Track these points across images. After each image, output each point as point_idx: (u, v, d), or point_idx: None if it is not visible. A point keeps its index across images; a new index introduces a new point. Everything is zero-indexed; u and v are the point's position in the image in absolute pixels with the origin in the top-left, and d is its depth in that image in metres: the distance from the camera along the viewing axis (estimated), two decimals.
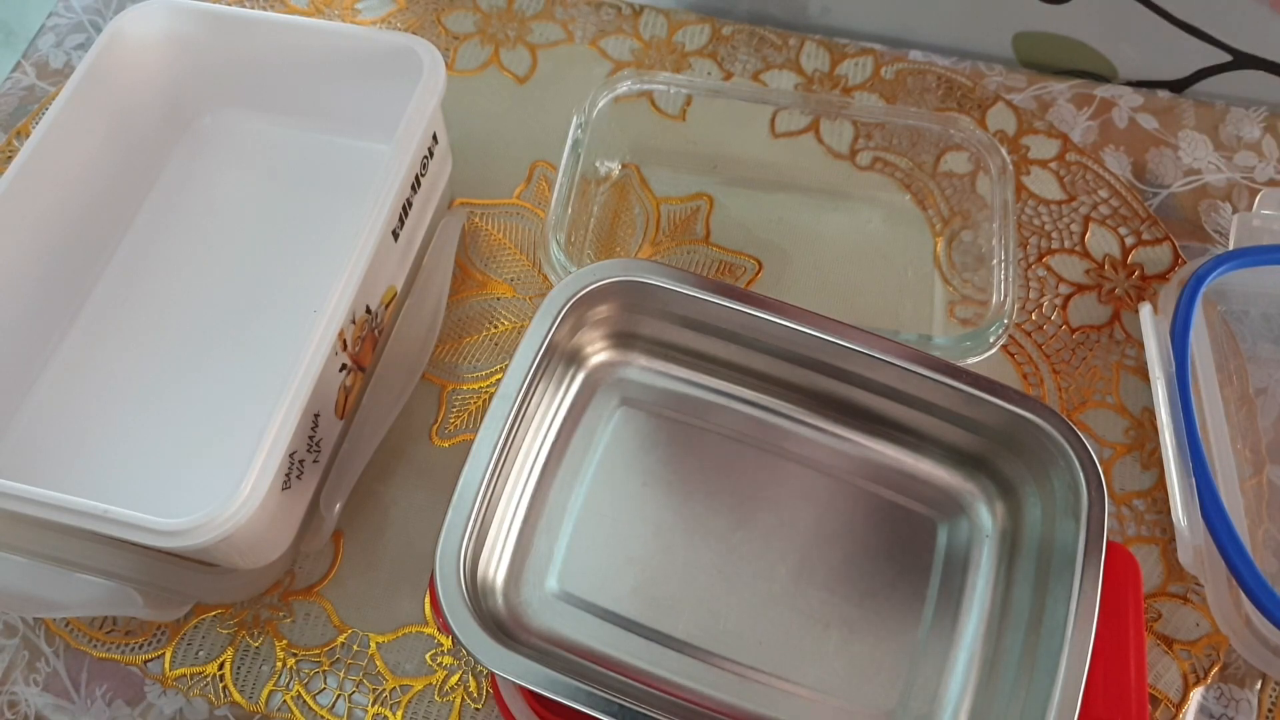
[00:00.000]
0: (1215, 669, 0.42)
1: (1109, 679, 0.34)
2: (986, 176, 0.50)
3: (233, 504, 0.36)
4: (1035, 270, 0.51)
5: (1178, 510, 0.42)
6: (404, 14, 0.60)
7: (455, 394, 0.49)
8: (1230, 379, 0.47)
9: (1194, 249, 0.52)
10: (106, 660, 0.43)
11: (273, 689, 0.42)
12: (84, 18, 0.61)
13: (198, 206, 0.52)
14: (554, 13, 0.60)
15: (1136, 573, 0.36)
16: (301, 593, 0.44)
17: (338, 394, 0.43)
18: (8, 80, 0.58)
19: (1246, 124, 0.55)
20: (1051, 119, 0.56)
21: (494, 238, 0.53)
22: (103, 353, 0.48)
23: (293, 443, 0.39)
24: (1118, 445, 0.47)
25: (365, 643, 0.43)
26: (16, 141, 0.56)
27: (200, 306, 0.49)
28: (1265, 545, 0.44)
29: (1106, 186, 0.53)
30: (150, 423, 0.46)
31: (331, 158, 0.53)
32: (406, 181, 0.45)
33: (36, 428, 0.46)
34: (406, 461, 0.47)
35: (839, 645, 0.38)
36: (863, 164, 0.54)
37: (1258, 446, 0.46)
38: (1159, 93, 0.56)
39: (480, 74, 0.58)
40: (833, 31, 0.59)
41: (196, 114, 0.54)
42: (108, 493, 0.38)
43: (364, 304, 0.44)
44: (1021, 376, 0.48)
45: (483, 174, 0.54)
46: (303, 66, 0.51)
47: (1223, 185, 0.53)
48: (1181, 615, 0.43)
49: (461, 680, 0.43)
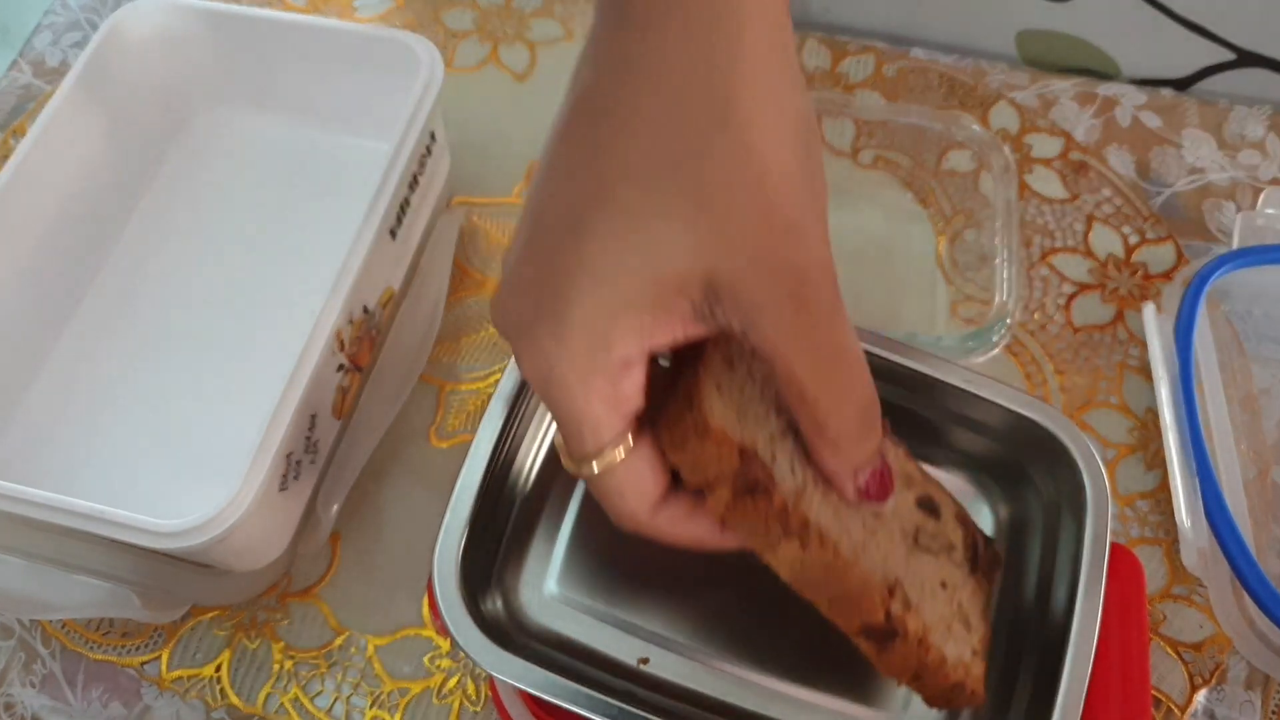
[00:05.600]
0: (1219, 671, 0.42)
1: (1112, 681, 0.34)
2: (989, 175, 0.49)
3: (229, 505, 0.36)
4: (1038, 269, 0.51)
5: (1181, 511, 0.42)
6: (402, 11, 0.60)
7: (453, 394, 0.48)
8: (1234, 379, 0.47)
9: (1197, 248, 0.51)
10: (103, 662, 0.43)
11: (270, 691, 0.42)
12: (80, 15, 0.61)
13: (195, 205, 0.52)
14: (553, 10, 0.59)
15: (1140, 574, 0.36)
16: (299, 594, 0.44)
17: (335, 395, 0.43)
18: (4, 78, 0.58)
19: (1250, 123, 0.55)
20: (1054, 117, 0.55)
21: (493, 237, 0.53)
22: (98, 353, 0.48)
23: (289, 444, 0.39)
24: (1121, 446, 0.47)
25: (363, 645, 0.43)
26: (13, 140, 0.56)
27: (197, 306, 0.49)
28: (1269, 547, 0.43)
29: (1110, 185, 0.53)
30: (147, 423, 0.46)
31: (329, 156, 0.53)
32: (404, 180, 0.45)
33: (32, 429, 0.46)
34: (404, 462, 0.47)
35: (840, 647, 0.37)
36: (865, 162, 0.54)
37: (1261, 447, 0.46)
38: (1162, 91, 0.56)
39: (479, 71, 0.58)
40: (834, 29, 0.59)
41: (193, 112, 0.54)
42: (104, 494, 0.38)
43: (361, 304, 0.44)
44: (1024, 376, 0.48)
45: (481, 172, 0.54)
46: (300, 64, 0.51)
47: (1226, 184, 0.53)
48: (1185, 617, 0.43)
49: (460, 683, 0.42)
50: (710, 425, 0.28)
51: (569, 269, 0.26)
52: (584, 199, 0.26)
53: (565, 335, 0.26)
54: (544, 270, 0.27)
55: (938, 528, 0.34)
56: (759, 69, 0.26)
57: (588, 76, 0.27)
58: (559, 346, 0.26)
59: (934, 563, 0.33)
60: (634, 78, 0.27)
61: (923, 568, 0.32)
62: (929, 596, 0.31)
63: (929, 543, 0.33)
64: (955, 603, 0.32)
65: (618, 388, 0.28)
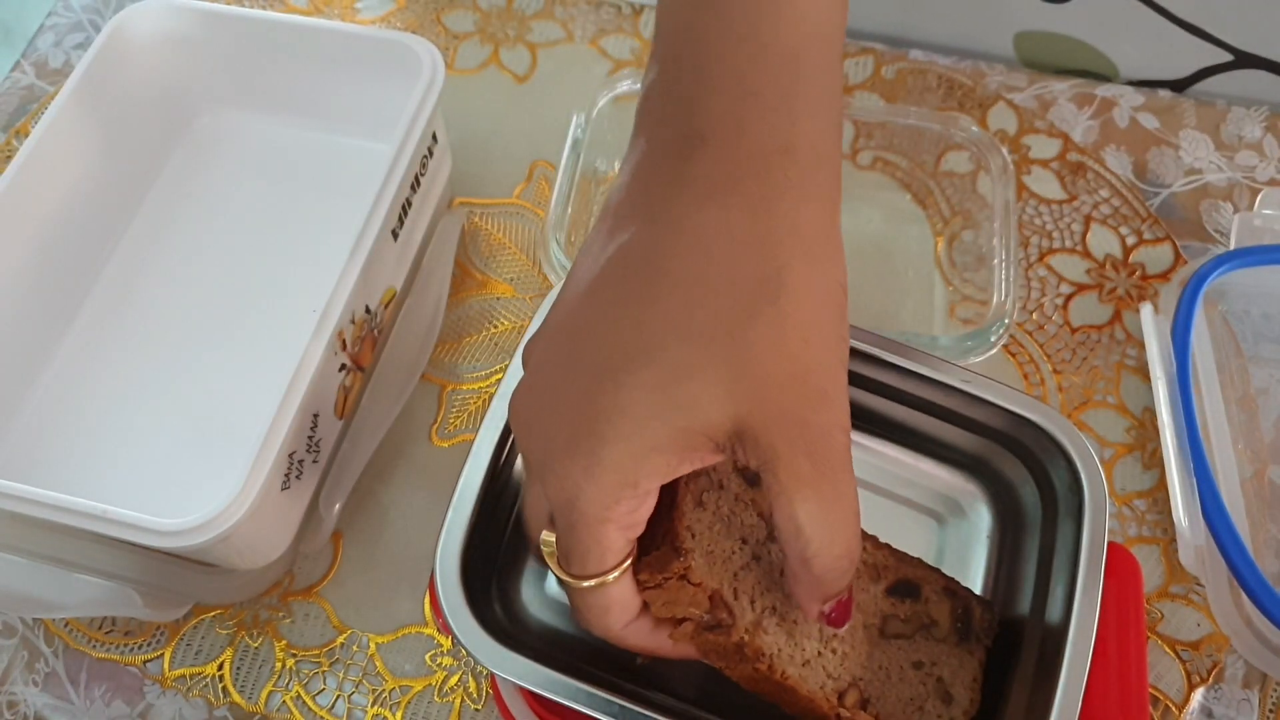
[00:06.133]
0: (1216, 670, 0.42)
1: (1110, 680, 0.34)
2: (987, 176, 0.49)
3: (231, 504, 0.36)
4: (1036, 270, 0.51)
5: (1179, 510, 0.42)
6: (403, 13, 0.60)
7: (455, 394, 0.49)
8: (1231, 379, 0.47)
9: (1195, 249, 0.52)
10: (105, 660, 0.43)
11: (272, 689, 0.42)
12: (83, 17, 0.61)
13: (197, 206, 0.52)
14: (554, 12, 0.60)
15: (1137, 573, 0.36)
16: (301, 593, 0.44)
17: (337, 394, 0.43)
18: (7, 80, 0.58)
19: (1248, 123, 0.55)
20: (1052, 118, 0.55)
21: (494, 237, 0.53)
22: (101, 352, 0.48)
23: (292, 443, 0.39)
24: (1118, 445, 0.47)
25: (365, 643, 0.43)
26: (16, 141, 0.56)
27: (199, 306, 0.49)
28: (1266, 546, 0.44)
29: (1107, 186, 0.53)
30: (149, 423, 0.46)
31: (331, 157, 0.53)
32: (406, 181, 0.45)
33: (36, 428, 0.46)
34: (406, 462, 0.47)
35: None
36: (863, 163, 0.54)
37: (1259, 446, 0.46)
38: (1160, 92, 0.56)
39: (480, 73, 0.58)
40: None
41: (195, 113, 0.54)
42: (107, 493, 0.38)
43: (363, 304, 0.44)
44: (1022, 376, 0.48)
45: (482, 173, 0.54)
46: (302, 66, 0.51)
47: (1224, 185, 0.53)
48: (1182, 616, 0.43)
49: (461, 681, 0.42)
50: (693, 577, 0.31)
51: (608, 413, 0.28)
52: (628, 348, 0.28)
53: (597, 473, 0.28)
54: (581, 407, 0.28)
55: (913, 609, 0.35)
56: (810, 247, 0.28)
57: (641, 231, 0.29)
58: (589, 482, 0.28)
59: (905, 646, 0.35)
60: (693, 243, 0.28)
61: (889, 657, 0.34)
62: (895, 683, 0.34)
63: (900, 629, 0.35)
64: (932, 679, 0.34)
65: (633, 516, 0.29)
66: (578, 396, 0.28)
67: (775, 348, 0.27)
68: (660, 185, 0.29)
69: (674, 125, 0.30)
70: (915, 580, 0.36)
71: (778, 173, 0.29)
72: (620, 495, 0.28)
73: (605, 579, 0.30)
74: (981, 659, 0.35)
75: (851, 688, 0.33)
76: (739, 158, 0.29)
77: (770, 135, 0.29)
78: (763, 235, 0.28)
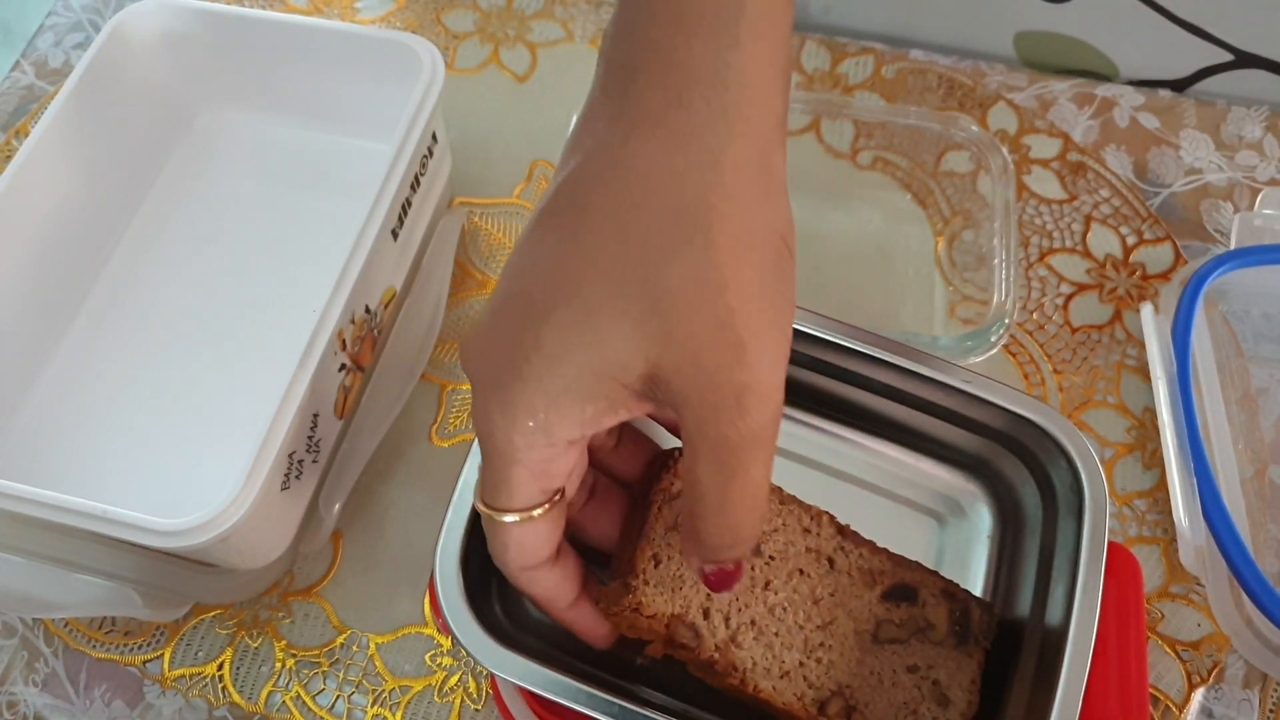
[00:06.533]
0: (1216, 670, 0.42)
1: (1110, 680, 0.34)
2: (987, 176, 0.49)
3: (231, 504, 0.36)
4: (1036, 270, 0.51)
5: (1179, 510, 0.42)
6: (403, 13, 0.60)
7: (455, 394, 0.49)
8: (1231, 379, 0.47)
9: (1195, 248, 0.52)
10: (105, 661, 0.43)
11: (272, 689, 0.42)
12: (83, 17, 0.61)
13: (196, 206, 0.52)
14: (554, 12, 0.60)
15: (1137, 573, 0.36)
16: (301, 593, 0.44)
17: (336, 394, 0.43)
18: (6, 79, 0.58)
19: (1248, 123, 0.55)
20: (1053, 118, 0.55)
21: (494, 237, 0.53)
22: (101, 352, 0.48)
23: (291, 443, 0.39)
24: (1119, 445, 0.47)
25: (364, 643, 0.43)
26: (15, 141, 0.56)
27: (199, 306, 0.49)
28: (1267, 545, 0.44)
29: (1108, 186, 0.53)
30: (149, 423, 0.46)
31: (330, 157, 0.53)
32: (406, 181, 0.45)
33: (35, 428, 0.46)
34: (406, 462, 0.47)
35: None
36: (863, 163, 0.54)
37: (1259, 446, 0.46)
38: (1160, 92, 0.56)
39: (480, 73, 0.58)
40: (833, 30, 0.59)
41: (195, 113, 0.54)
42: (107, 493, 0.38)
43: (363, 304, 0.44)
44: (1023, 376, 0.48)
45: (482, 173, 0.54)
46: (302, 66, 0.51)
47: (1224, 185, 0.53)
48: (1183, 616, 0.43)
49: (461, 681, 0.42)
50: (642, 610, 0.32)
51: (525, 350, 0.27)
52: (551, 285, 0.27)
53: (509, 410, 0.28)
54: (505, 344, 0.28)
55: (908, 613, 0.35)
56: (738, 186, 0.27)
57: (577, 167, 0.28)
58: (502, 417, 0.28)
59: (900, 651, 0.35)
60: (616, 176, 0.27)
61: (881, 662, 0.34)
62: (887, 688, 0.34)
63: (894, 633, 0.35)
64: (928, 683, 0.34)
65: (546, 467, 0.29)
66: (506, 334, 0.28)
67: (689, 290, 0.26)
68: (597, 120, 0.28)
69: (615, 57, 0.29)
70: (912, 584, 0.36)
71: (703, 104, 0.27)
72: (532, 439, 0.28)
73: (503, 517, 0.30)
74: (980, 660, 0.35)
75: (835, 696, 0.33)
76: (668, 86, 0.27)
77: (700, 63, 0.27)
78: (681, 169, 0.27)
